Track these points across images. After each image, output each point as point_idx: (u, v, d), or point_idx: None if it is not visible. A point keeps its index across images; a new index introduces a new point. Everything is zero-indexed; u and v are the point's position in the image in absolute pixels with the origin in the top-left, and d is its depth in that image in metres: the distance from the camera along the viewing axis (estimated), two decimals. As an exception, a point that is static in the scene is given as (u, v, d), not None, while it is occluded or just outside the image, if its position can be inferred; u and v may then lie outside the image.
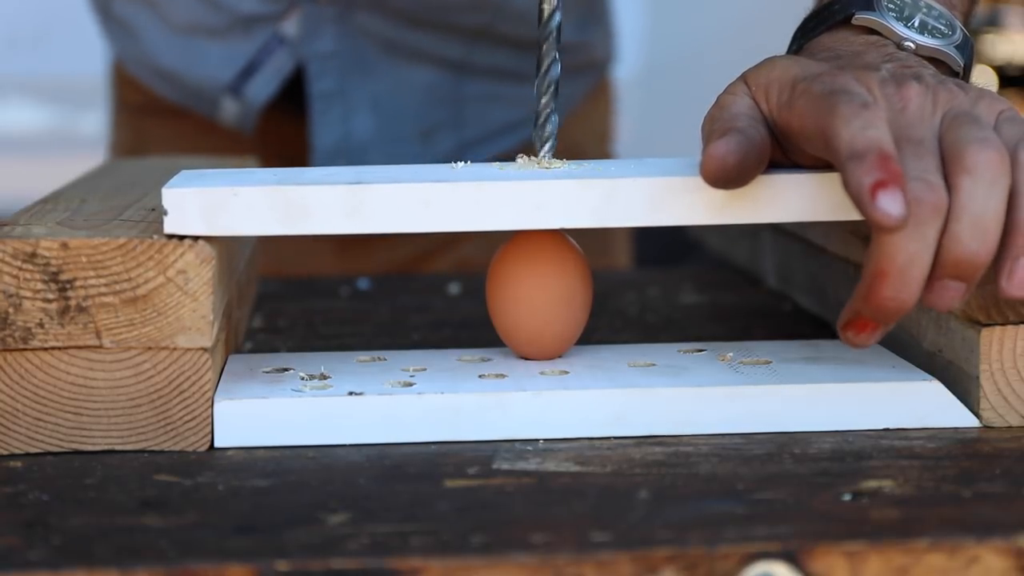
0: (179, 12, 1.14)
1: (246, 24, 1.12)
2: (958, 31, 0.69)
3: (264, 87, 1.13)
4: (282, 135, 1.16)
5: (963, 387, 0.66)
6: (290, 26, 1.12)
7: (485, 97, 1.17)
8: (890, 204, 0.57)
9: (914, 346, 0.71)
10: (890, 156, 0.58)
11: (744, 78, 0.65)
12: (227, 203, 0.63)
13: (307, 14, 1.11)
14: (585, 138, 1.22)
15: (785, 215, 0.64)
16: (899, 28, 0.68)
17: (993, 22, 4.19)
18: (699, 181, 0.63)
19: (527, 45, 1.17)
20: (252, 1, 1.11)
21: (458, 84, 1.15)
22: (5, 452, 0.62)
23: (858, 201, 0.58)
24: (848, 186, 0.58)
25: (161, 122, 1.21)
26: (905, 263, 0.58)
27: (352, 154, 1.13)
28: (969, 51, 0.69)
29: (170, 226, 0.63)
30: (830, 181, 0.64)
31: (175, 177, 0.67)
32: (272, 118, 1.15)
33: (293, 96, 1.14)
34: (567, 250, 0.69)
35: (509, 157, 0.71)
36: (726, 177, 0.62)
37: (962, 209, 0.58)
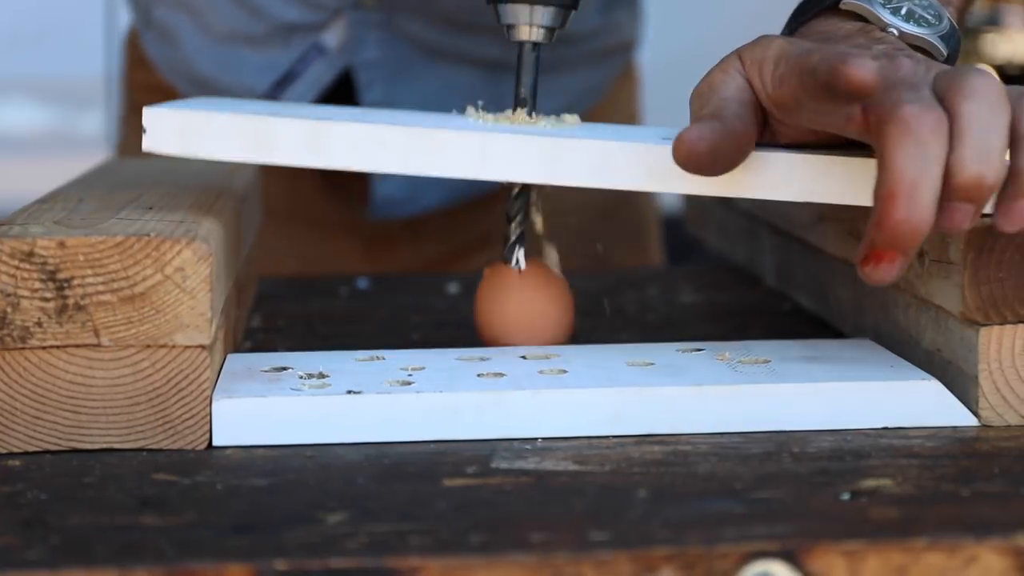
0: (220, 20, 1.13)
1: (286, 33, 1.11)
2: (945, 20, 0.69)
3: (300, 97, 1.12)
4: None
5: (962, 386, 0.66)
6: (331, 37, 1.11)
7: None
8: (861, 65, 0.58)
9: (913, 345, 0.71)
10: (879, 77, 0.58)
11: (739, 54, 0.66)
12: (202, 127, 0.67)
13: (352, 21, 1.10)
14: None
15: (729, 190, 0.65)
16: (885, 15, 0.68)
17: (993, 22, 4.19)
18: (644, 149, 0.65)
19: (562, 36, 1.16)
20: (294, 9, 1.11)
21: (496, 82, 1.14)
22: (3, 451, 0.62)
23: (831, 76, 0.58)
24: (820, 73, 0.59)
25: None
26: (913, 180, 0.57)
27: None
28: (955, 42, 0.69)
29: (148, 144, 0.66)
30: (789, 160, 0.65)
31: (164, 103, 0.70)
32: None
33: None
34: (538, 274, 0.73)
35: None
36: (697, 162, 0.62)
37: (965, 131, 0.58)
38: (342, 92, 1.12)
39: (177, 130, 0.67)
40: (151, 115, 0.67)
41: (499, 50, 1.13)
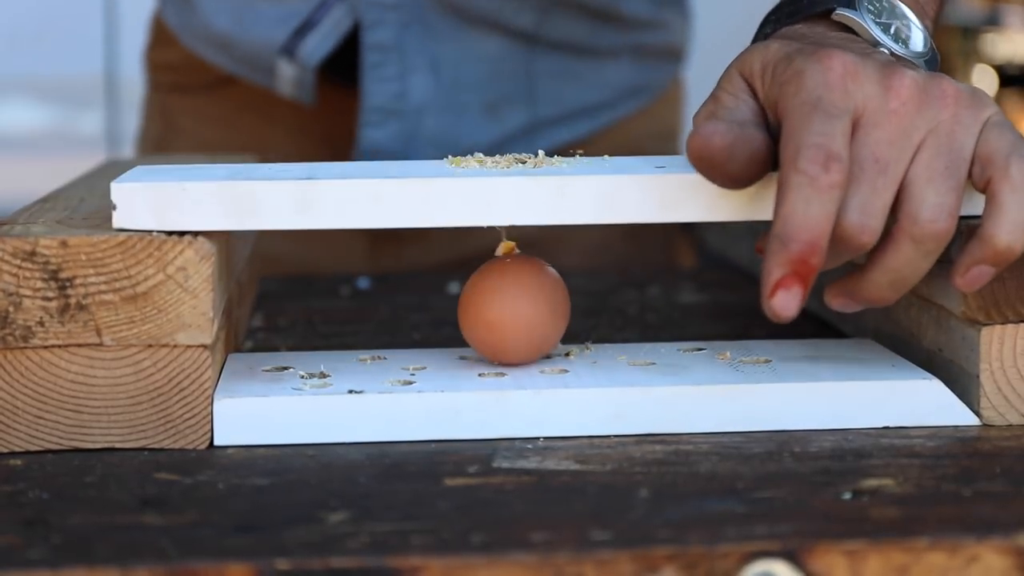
0: None
1: None
2: (929, 46, 0.69)
3: (319, 46, 1.08)
4: (338, 105, 1.12)
5: (963, 386, 0.66)
6: None
7: (559, 73, 1.12)
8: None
9: (914, 345, 0.71)
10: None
11: (738, 70, 0.65)
12: (176, 198, 0.63)
13: None
14: (645, 139, 1.18)
15: (735, 214, 0.64)
16: (877, 32, 0.68)
17: (993, 22, 4.19)
18: (649, 180, 0.63)
19: (603, 15, 1.13)
20: None
21: (529, 57, 1.10)
22: (5, 450, 0.62)
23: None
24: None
25: (193, 102, 1.19)
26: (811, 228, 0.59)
27: (406, 116, 1.08)
28: (935, 66, 0.69)
29: (119, 221, 0.63)
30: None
31: (128, 172, 0.67)
32: (329, 89, 1.11)
33: (354, 64, 1.10)
34: (530, 267, 0.69)
35: (580, 146, 0.71)
36: (711, 159, 0.61)
37: (1002, 209, 0.60)
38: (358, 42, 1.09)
39: (150, 205, 0.62)
40: (120, 191, 0.62)
41: (533, 19, 1.09)
